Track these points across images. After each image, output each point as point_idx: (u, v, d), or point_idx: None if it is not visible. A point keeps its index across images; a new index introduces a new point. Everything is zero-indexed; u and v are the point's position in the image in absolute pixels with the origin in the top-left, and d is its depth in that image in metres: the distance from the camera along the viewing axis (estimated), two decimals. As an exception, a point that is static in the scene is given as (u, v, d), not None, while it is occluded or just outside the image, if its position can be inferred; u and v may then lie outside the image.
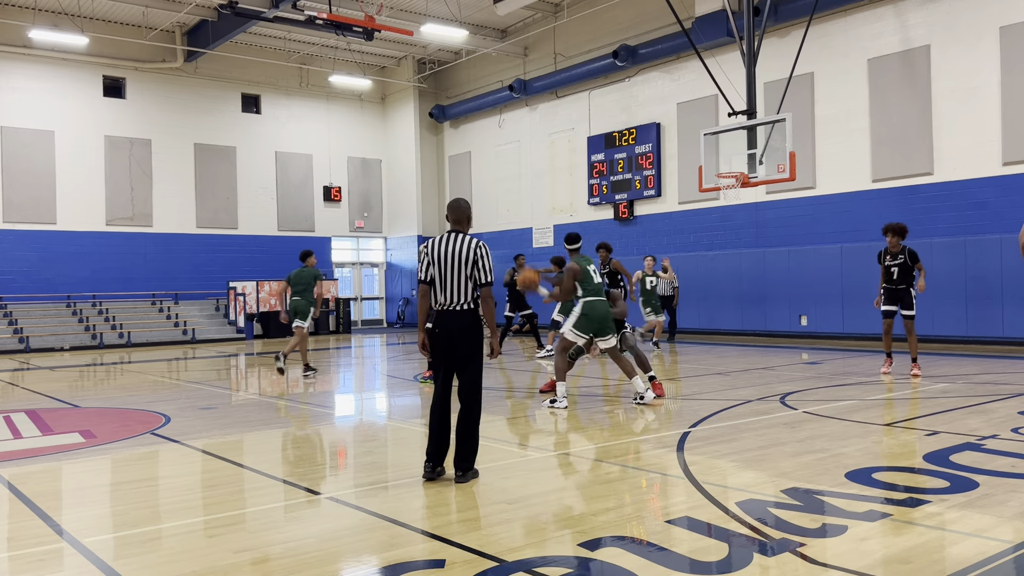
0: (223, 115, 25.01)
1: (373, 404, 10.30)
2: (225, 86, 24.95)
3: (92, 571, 3.84)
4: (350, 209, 27.70)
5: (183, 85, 24.16)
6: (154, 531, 4.54)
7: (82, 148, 22.67)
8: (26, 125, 21.86)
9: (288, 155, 26.26)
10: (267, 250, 25.43)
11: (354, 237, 28.05)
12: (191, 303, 24.11)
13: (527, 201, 24.45)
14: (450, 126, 27.36)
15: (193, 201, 24.49)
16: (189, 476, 6.04)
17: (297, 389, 11.36)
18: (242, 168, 25.36)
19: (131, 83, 23.45)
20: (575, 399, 9.30)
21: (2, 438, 7.57)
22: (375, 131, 28.26)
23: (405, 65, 26.96)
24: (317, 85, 26.42)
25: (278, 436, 7.73)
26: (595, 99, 22.19)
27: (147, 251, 23.60)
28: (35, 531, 4.52)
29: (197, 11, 21.59)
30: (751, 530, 4.14)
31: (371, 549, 4.09)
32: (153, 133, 23.81)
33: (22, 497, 5.22)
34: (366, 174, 28.11)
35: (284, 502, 5.11)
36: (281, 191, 26.12)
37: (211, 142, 24.77)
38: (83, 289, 22.59)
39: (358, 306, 28.35)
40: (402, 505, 4.92)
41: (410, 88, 27.02)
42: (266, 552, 4.05)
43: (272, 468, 6.15)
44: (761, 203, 18.05)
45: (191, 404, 9.70)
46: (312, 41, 24.51)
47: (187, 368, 15.20)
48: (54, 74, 22.22)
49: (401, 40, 23.84)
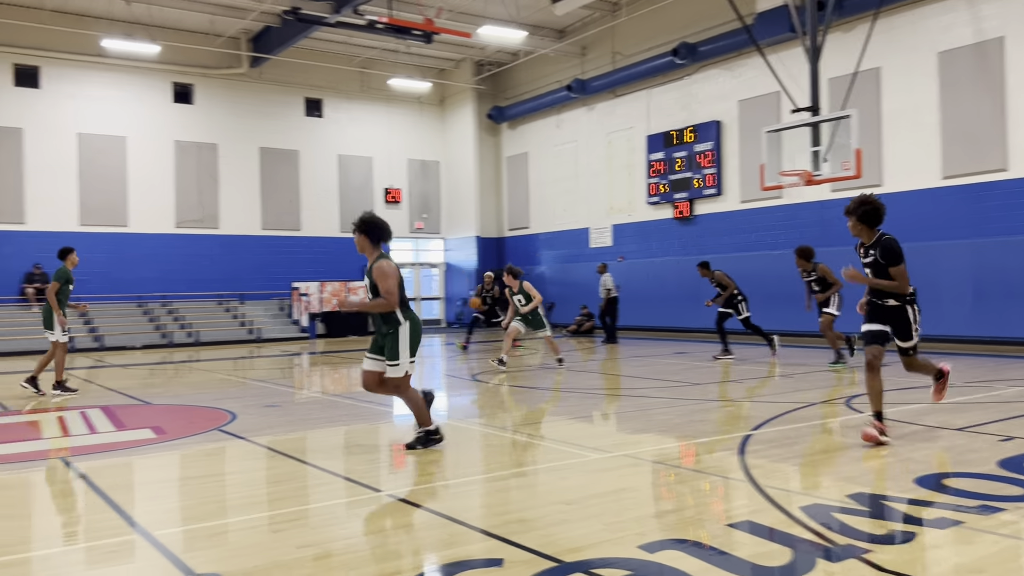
0: (287, 119, 25.55)
1: (431, 403, 10.38)
2: (288, 91, 25.47)
3: (162, 563, 3.96)
4: (410, 211, 28.00)
5: (248, 90, 24.74)
6: (221, 525, 4.66)
7: (153, 153, 23.40)
8: (101, 131, 22.66)
9: (349, 158, 26.68)
10: (329, 251, 25.87)
11: (413, 238, 28.35)
12: (256, 303, 24.68)
13: (584, 201, 24.37)
14: (508, 127, 27.44)
15: (258, 203, 25.07)
16: (254, 472, 6.18)
17: (358, 388, 11.53)
18: (305, 171, 25.86)
19: (199, 89, 24.12)
20: (640, 400, 9.22)
21: (78, 433, 7.87)
22: (434, 133, 28.52)
23: (463, 67, 27.14)
24: (377, 88, 26.77)
25: (340, 434, 7.85)
26: (654, 97, 21.99)
27: (214, 252, 24.23)
28: (109, 523, 4.68)
29: (262, 18, 22.09)
30: (815, 535, 4.05)
31: (430, 547, 4.13)
32: (220, 138, 24.45)
33: (97, 490, 5.42)
34: (425, 176, 28.38)
35: (346, 499, 5.19)
36: (343, 193, 26.55)
37: (275, 146, 25.32)
38: (153, 289, 23.31)
39: (417, 306, 28.64)
40: (460, 504, 4.96)
41: (468, 90, 27.19)
42: (328, 548, 4.13)
43: (334, 465, 6.25)
44: (826, 201, 17.65)
45: (256, 402, 9.93)
46: (372, 45, 24.84)
47: (252, 366, 15.56)
48: (127, 82, 22.98)
49: (459, 42, 24.01)
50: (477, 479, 5.70)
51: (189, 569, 3.79)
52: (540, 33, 23.60)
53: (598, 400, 9.76)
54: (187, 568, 3.81)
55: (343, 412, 9.14)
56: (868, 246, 6.47)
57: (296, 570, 3.74)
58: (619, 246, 23.01)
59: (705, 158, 20.41)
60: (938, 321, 15.41)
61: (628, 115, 22.83)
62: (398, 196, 27.58)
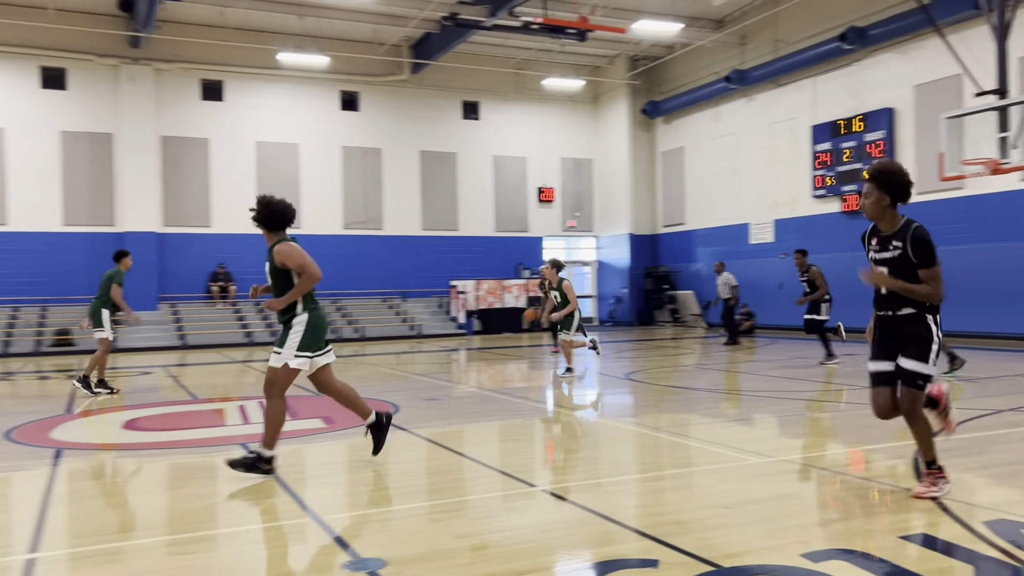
0: (445, 123, 26.34)
1: (584, 401, 10.40)
2: (447, 95, 26.25)
3: (332, 546, 4.20)
4: (562, 209, 28.15)
5: (409, 96, 25.71)
6: (384, 512, 4.88)
7: (322, 158, 24.80)
8: (275, 139, 24.25)
9: (504, 158, 27.17)
10: (485, 250, 26.45)
11: (566, 236, 28.48)
12: (417, 300, 25.62)
13: (744, 196, 23.58)
14: (663, 122, 27.00)
15: (419, 205, 26.02)
16: (415, 463, 6.42)
17: (513, 384, 11.72)
18: (462, 173, 26.58)
19: (364, 96, 25.31)
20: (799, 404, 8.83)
21: (256, 421, 8.46)
22: (587, 131, 28.51)
23: (617, 63, 26.95)
24: (531, 89, 27.08)
25: (496, 428, 8.01)
26: (819, 86, 20.95)
27: (378, 252, 25.37)
28: (284, 506, 5.01)
29: (422, 25, 22.89)
30: (1002, 553, 3.73)
31: (584, 544, 4.14)
32: (383, 142, 25.57)
33: (275, 475, 5.80)
34: (578, 174, 28.43)
35: (502, 492, 5.29)
36: (498, 193, 27.07)
37: (434, 149, 26.17)
38: (323, 287, 24.60)
39: (571, 304, 28.71)
40: (615, 502, 4.93)
41: (622, 86, 26.99)
42: (485, 539, 4.22)
43: (490, 459, 6.39)
44: (1015, 192, 16.18)
45: (417, 395, 10.30)
46: (527, 46, 25.15)
47: (413, 361, 16.17)
48: (299, 92, 24.47)
49: (613, 38, 23.86)
50: (631, 478, 5.65)
51: (356, 553, 4.00)
52: (697, 24, 23.05)
53: (755, 402, 9.43)
54: (354, 552, 4.02)
55: (499, 407, 9.32)
56: (890, 235, 4.66)
57: (455, 559, 3.85)
58: (781, 242, 22.10)
59: (876, 148, 19.22)
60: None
61: (791, 105, 21.88)
62: (551, 195, 27.79)
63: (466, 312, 24.85)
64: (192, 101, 23.31)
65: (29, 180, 21.37)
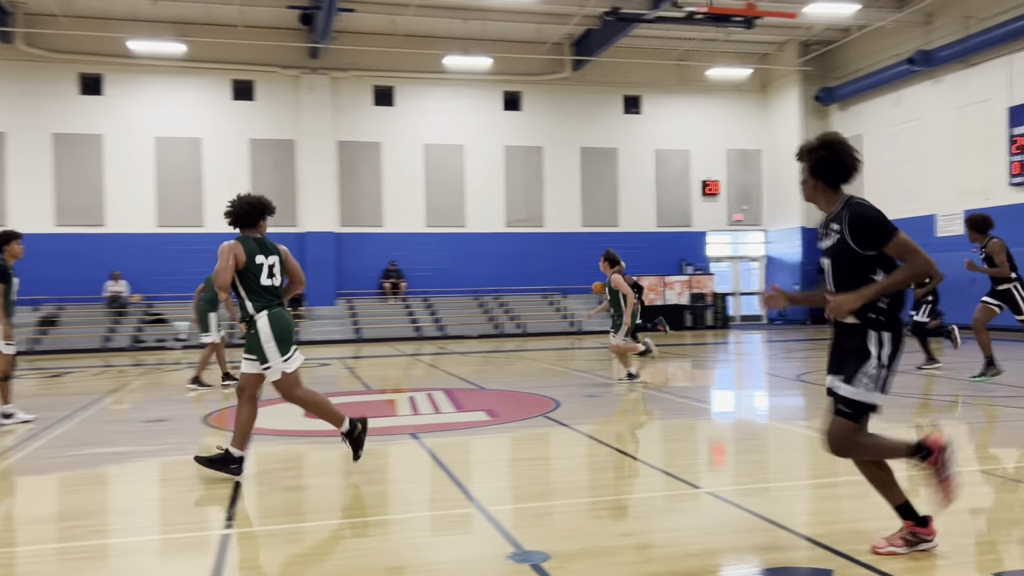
0: (606, 118, 26.24)
1: (752, 402, 10.04)
2: (608, 90, 26.12)
3: (496, 537, 4.29)
4: (728, 202, 27.31)
5: (570, 93, 25.80)
6: (546, 506, 4.93)
7: (486, 159, 25.39)
8: (442, 141, 25.05)
9: (667, 152, 26.71)
10: (646, 246, 26.12)
11: (731, 231, 27.61)
12: (577, 297, 25.69)
13: (928, 185, 21.92)
14: (838, 108, 25.57)
15: (579, 202, 26.08)
16: (576, 458, 6.44)
17: (675, 383, 11.50)
18: (623, 168, 26.38)
19: (526, 96, 25.66)
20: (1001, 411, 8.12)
21: (425, 412, 8.79)
22: (755, 121, 27.48)
23: (787, 49, 25.80)
24: (695, 80, 26.45)
25: (658, 427, 7.91)
26: (1017, 64, 19.12)
27: (538, 249, 25.66)
28: (451, 495, 5.18)
29: (584, 21, 22.91)
30: None
31: (752, 549, 4.00)
32: (544, 140, 25.82)
33: (441, 464, 6.01)
34: (745, 166, 27.48)
35: (664, 492, 5.21)
36: (660, 188, 26.66)
37: (595, 145, 26.14)
38: (486, 284, 25.29)
39: (736, 301, 27.84)
40: (785, 508, 4.74)
41: (793, 73, 25.81)
42: (648, 539, 4.18)
43: (652, 458, 6.31)
44: None
45: (578, 391, 10.34)
46: (690, 36, 24.59)
47: (573, 357, 16.24)
48: (464, 94, 25.15)
49: (783, 24, 22.86)
50: (802, 484, 5.40)
51: (519, 545, 4.06)
52: (876, 4, 21.66)
53: (942, 406, 8.75)
54: (517, 544, 4.09)
55: (662, 406, 9.19)
56: (830, 219, 3.80)
57: (618, 557, 3.84)
58: (971, 235, 20.37)
59: (1085, 129, 17.33)
60: None
61: (984, 86, 20.10)
62: (716, 188, 27.03)
63: (627, 309, 24.63)
64: (365, 107, 24.51)
65: (222, 185, 23.21)
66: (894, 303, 3.65)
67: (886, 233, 3.57)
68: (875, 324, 3.64)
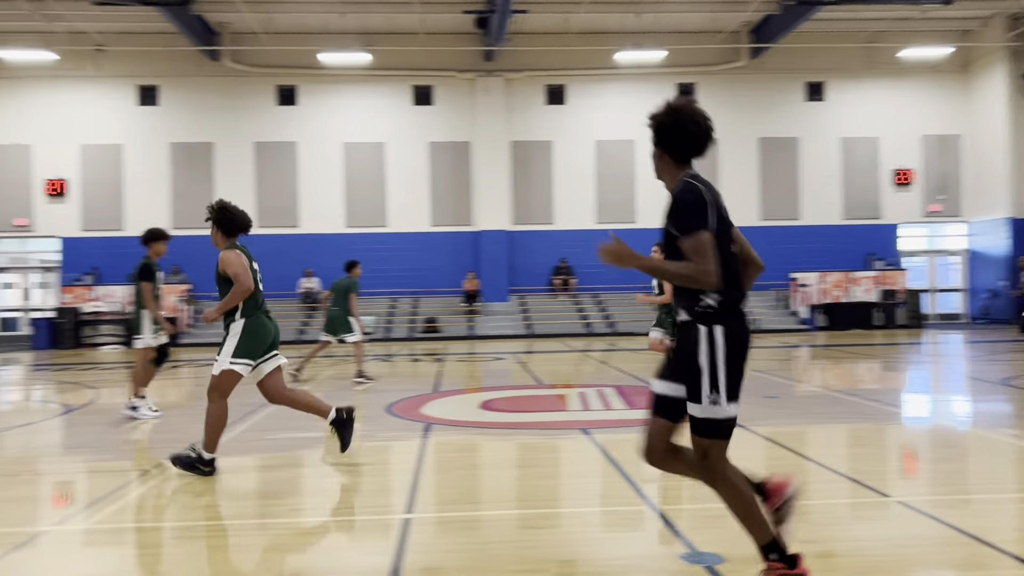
0: (786, 107, 25.10)
1: (950, 407, 9.29)
2: (788, 77, 24.97)
3: (668, 536, 4.24)
4: (923, 192, 25.34)
5: (747, 82, 24.88)
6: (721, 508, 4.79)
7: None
8: (613, 137, 24.85)
9: (853, 140, 25.16)
10: (830, 240, 24.75)
11: (927, 223, 25.59)
12: (754, 294, 24.70)
13: None
14: (1053, 87, 23.09)
15: (757, 193, 25.12)
16: (753, 460, 6.21)
17: (863, 385, 10.83)
18: (804, 158, 25.13)
19: (701, 87, 24.99)
20: None
21: (595, 408, 8.80)
22: (953, 104, 25.31)
23: (993, 24, 23.56)
24: (885, 63, 24.72)
25: (843, 431, 7.48)
26: None
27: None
28: (622, 492, 5.16)
29: (762, 8, 22.04)
30: None
31: (949, 564, 3.71)
32: (719, 132, 24.29)
33: (612, 461, 6.00)
34: (942, 152, 25.38)
35: (850, 499, 4.94)
36: (846, 178, 25.17)
37: (774, 135, 25.08)
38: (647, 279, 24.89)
39: (932, 298, 25.78)
40: (988, 522, 4.35)
41: (1000, 50, 23.52)
42: (831, 547, 3.98)
43: (836, 463, 5.99)
44: None
45: (756, 392, 9.97)
46: (880, 16, 23.02)
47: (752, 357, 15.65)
48: (635, 88, 24.82)
49: (987, -4, 20.93)
50: (1009, 497, 4.93)
51: (692, 545, 3.99)
52: (1100, -33, 19.37)
53: None
54: (690, 544, 4.02)
55: (846, 409, 8.69)
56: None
57: (796, 564, 3.67)
58: None
59: None
60: None
61: None
62: (909, 177, 25.15)
63: (809, 306, 23.47)
64: (538, 106, 24.86)
65: (403, 187, 24.38)
66: (729, 302, 3.35)
67: (690, 222, 3.14)
68: (708, 318, 3.36)
